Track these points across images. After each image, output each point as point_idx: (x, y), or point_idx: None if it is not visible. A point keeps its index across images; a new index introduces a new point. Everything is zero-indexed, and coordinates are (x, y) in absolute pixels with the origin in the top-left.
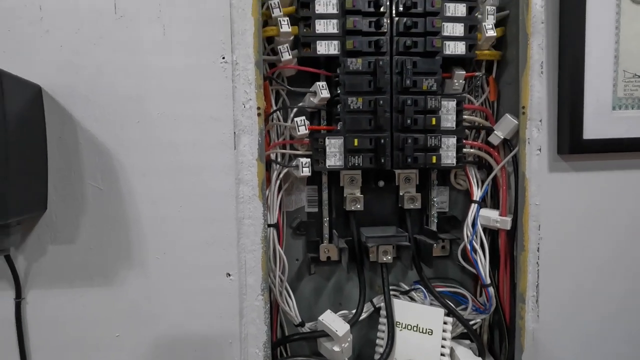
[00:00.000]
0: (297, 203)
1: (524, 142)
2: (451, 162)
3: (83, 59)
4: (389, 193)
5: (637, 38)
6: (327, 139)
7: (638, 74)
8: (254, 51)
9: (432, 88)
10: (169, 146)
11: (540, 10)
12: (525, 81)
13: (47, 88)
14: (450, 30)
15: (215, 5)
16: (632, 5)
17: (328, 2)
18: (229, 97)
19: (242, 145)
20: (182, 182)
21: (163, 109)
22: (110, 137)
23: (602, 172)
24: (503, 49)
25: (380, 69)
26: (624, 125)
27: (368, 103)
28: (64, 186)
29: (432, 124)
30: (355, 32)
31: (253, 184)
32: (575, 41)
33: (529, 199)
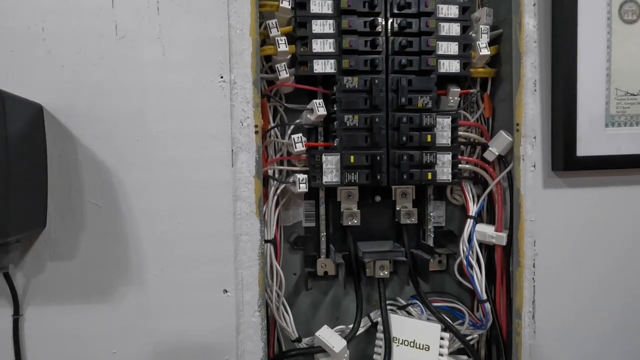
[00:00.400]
0: (294, 218)
1: (518, 158)
2: (447, 178)
3: (84, 79)
4: (385, 207)
5: (628, 57)
6: (323, 156)
7: (630, 91)
8: (252, 70)
9: (427, 105)
10: (168, 163)
11: (533, 30)
12: (519, 99)
13: (48, 107)
14: (445, 49)
15: (214, 26)
16: (622, 25)
17: (325, 22)
18: (227, 115)
19: (240, 163)
20: (181, 198)
21: (162, 127)
22: (110, 154)
23: (597, 188)
24: (497, 66)
25: (376, 87)
26: (616, 142)
27: (364, 120)
28: (63, 203)
29: (428, 141)
30: (352, 52)
31: (250, 200)
32: (568, 60)
33: (524, 215)
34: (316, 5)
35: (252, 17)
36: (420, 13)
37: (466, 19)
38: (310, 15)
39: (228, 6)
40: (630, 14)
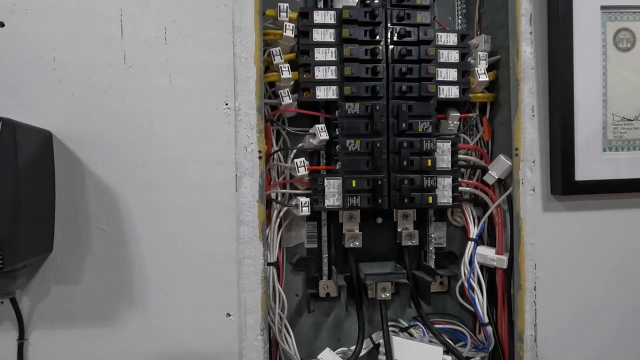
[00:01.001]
0: (296, 239)
1: (517, 182)
2: (447, 201)
3: (93, 106)
4: (387, 229)
5: (624, 83)
6: (326, 180)
7: (626, 117)
8: (256, 98)
9: (427, 130)
10: (173, 188)
11: (530, 57)
12: (518, 124)
13: (58, 133)
14: (444, 75)
15: (219, 55)
16: (617, 53)
17: (327, 50)
18: (232, 142)
19: (244, 187)
20: (185, 223)
21: (168, 153)
22: (116, 180)
23: (596, 211)
24: (496, 90)
25: (377, 112)
26: (614, 167)
27: (365, 145)
28: (70, 228)
29: (428, 165)
30: (353, 79)
31: (254, 224)
32: (564, 86)
33: (525, 238)
34: (319, 34)
35: (257, 46)
36: (420, 41)
37: (464, 46)
38: (313, 43)
39: (233, 36)
40: (624, 42)
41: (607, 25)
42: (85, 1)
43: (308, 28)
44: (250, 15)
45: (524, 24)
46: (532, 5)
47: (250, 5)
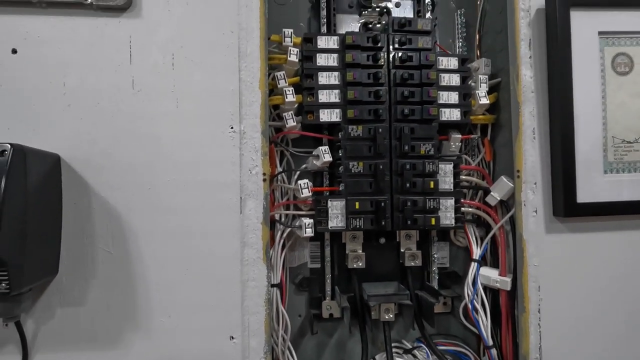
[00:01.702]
0: (300, 259)
1: (520, 204)
2: (450, 222)
3: (101, 130)
4: (390, 248)
5: (623, 106)
6: (329, 201)
7: (626, 139)
8: (261, 121)
9: (429, 152)
10: (178, 211)
11: (530, 81)
12: (519, 146)
13: (66, 157)
14: (446, 98)
15: (225, 80)
16: (615, 77)
17: (330, 74)
18: (236, 164)
19: (248, 210)
20: (190, 245)
21: (174, 176)
22: (123, 202)
23: (599, 233)
24: (497, 112)
25: (380, 135)
26: (616, 189)
27: (368, 167)
28: (75, 250)
29: (431, 187)
30: (356, 102)
31: (257, 246)
32: (564, 110)
33: (528, 260)
34: (322, 59)
35: (262, 71)
36: (422, 65)
37: (465, 70)
38: (317, 67)
39: (239, 61)
40: (622, 66)
41: (605, 50)
42: (95, 29)
43: (312, 53)
44: (255, 41)
45: (523, 48)
46: (531, 30)
47: (255, 32)
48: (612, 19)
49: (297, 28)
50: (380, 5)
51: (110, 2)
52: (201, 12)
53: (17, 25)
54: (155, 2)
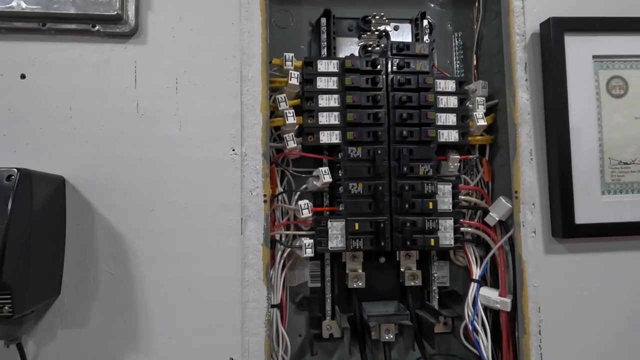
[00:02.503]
0: (300, 278)
1: (518, 225)
2: (449, 243)
3: (105, 153)
4: (389, 268)
5: (618, 128)
6: (329, 222)
7: (623, 160)
8: (262, 143)
9: (428, 173)
10: (180, 233)
11: (527, 103)
12: (517, 167)
13: (70, 179)
14: (444, 120)
15: (227, 103)
16: (611, 99)
17: (330, 97)
18: (237, 186)
19: (249, 231)
20: (191, 267)
21: (176, 198)
22: (125, 224)
23: (599, 254)
24: (494, 132)
25: (379, 156)
26: (614, 210)
27: (368, 188)
28: (78, 271)
29: (430, 208)
30: (356, 124)
31: (258, 267)
32: (561, 131)
33: (527, 281)
34: (322, 82)
35: (263, 95)
36: (420, 88)
37: (463, 92)
38: (317, 90)
39: (241, 85)
40: (617, 89)
41: (600, 73)
42: (102, 54)
43: (312, 76)
44: (257, 65)
45: (519, 71)
46: (527, 54)
47: (257, 57)
48: (605, 44)
49: (297, 51)
50: (379, 29)
51: (117, 29)
52: (205, 38)
53: (27, 51)
54: (160, 28)
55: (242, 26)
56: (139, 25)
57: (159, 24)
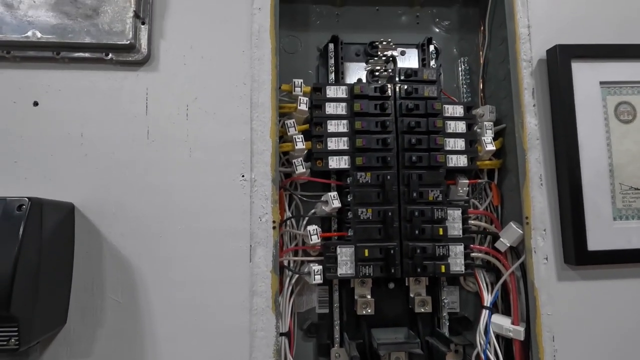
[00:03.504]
0: (308, 304)
1: (530, 251)
2: (460, 269)
3: (115, 179)
4: (399, 293)
5: (628, 154)
6: (338, 248)
7: (634, 186)
8: (271, 169)
9: (437, 199)
10: (188, 260)
11: (535, 129)
12: (527, 193)
13: (80, 205)
14: (452, 145)
15: (237, 129)
16: (619, 125)
17: (339, 122)
18: (247, 212)
19: (257, 258)
20: (199, 295)
21: (185, 224)
22: (134, 250)
23: (612, 280)
24: (503, 156)
25: (388, 182)
26: (626, 236)
27: (377, 213)
28: (84, 300)
29: (440, 234)
30: (365, 149)
31: (267, 295)
32: (570, 157)
33: (540, 309)
34: (331, 107)
35: (273, 121)
36: (428, 114)
37: (470, 117)
38: (326, 116)
39: (251, 111)
40: (625, 115)
41: (608, 99)
42: (114, 82)
43: (321, 102)
44: (267, 92)
45: (527, 97)
46: (534, 79)
47: (267, 84)
48: (612, 70)
49: (306, 75)
50: (386, 54)
51: (130, 57)
52: (216, 66)
53: (40, 78)
54: (172, 56)
55: (253, 53)
56: (151, 53)
57: (170, 51)
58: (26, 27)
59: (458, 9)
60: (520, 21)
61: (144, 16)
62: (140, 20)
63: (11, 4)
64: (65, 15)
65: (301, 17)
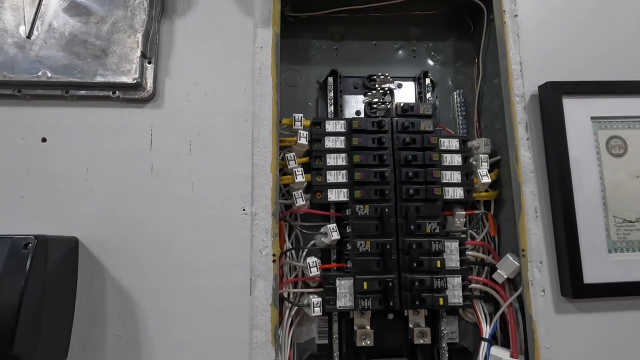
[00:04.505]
0: (307, 334)
1: (527, 283)
2: (458, 301)
3: (119, 213)
4: (398, 323)
5: (621, 187)
6: (337, 280)
7: (628, 219)
8: (272, 203)
9: (435, 231)
10: (189, 293)
11: (529, 162)
12: (522, 225)
13: (84, 239)
14: (449, 177)
15: (239, 164)
16: (611, 158)
17: (338, 156)
18: (247, 246)
19: (257, 291)
20: (199, 329)
21: (186, 258)
22: (136, 284)
23: (610, 313)
24: (499, 187)
25: (386, 214)
26: (622, 269)
27: (376, 246)
28: (86, 333)
29: (437, 267)
30: (363, 183)
31: (266, 329)
32: (564, 190)
33: (539, 342)
34: (330, 141)
35: (273, 155)
36: (424, 148)
37: (466, 150)
38: (325, 149)
39: (252, 146)
40: (617, 148)
41: (599, 133)
42: (120, 118)
43: (320, 136)
44: (268, 127)
45: (520, 130)
46: (527, 114)
47: (268, 119)
48: (602, 105)
49: (306, 107)
50: (384, 87)
51: (136, 95)
52: (219, 102)
53: (49, 115)
54: (177, 93)
55: (254, 90)
56: (157, 90)
57: (175, 89)
58: (38, 67)
59: (453, 43)
60: (512, 57)
61: (150, 56)
62: (146, 59)
63: (23, 45)
64: (75, 55)
65: (302, 52)
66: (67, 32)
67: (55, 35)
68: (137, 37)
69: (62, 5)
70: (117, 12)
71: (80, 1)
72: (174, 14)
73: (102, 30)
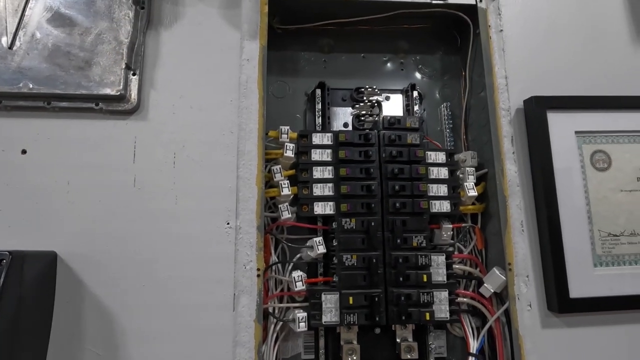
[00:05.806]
0: (293, 350)
1: (513, 298)
2: (445, 315)
3: (100, 228)
4: (385, 338)
5: (605, 201)
6: (323, 295)
7: (612, 233)
8: (256, 217)
9: (421, 244)
10: (171, 309)
11: (515, 175)
12: (509, 239)
13: (63, 254)
14: (435, 190)
15: (224, 177)
16: (595, 173)
17: (324, 169)
18: (231, 260)
19: (241, 306)
20: (181, 347)
21: (168, 273)
22: (115, 300)
23: (597, 327)
24: (486, 200)
25: (373, 228)
26: (607, 283)
27: (362, 260)
28: (62, 352)
29: (424, 281)
30: (349, 196)
31: (250, 345)
32: (549, 204)
33: (526, 357)
34: (317, 154)
35: (259, 169)
36: (411, 161)
37: (453, 163)
38: (312, 162)
39: (238, 159)
40: (601, 163)
41: (583, 148)
42: (103, 131)
43: (307, 148)
44: (254, 140)
45: (506, 144)
46: (513, 128)
47: (254, 132)
48: (586, 119)
49: (293, 119)
50: (372, 99)
51: (119, 107)
52: (204, 115)
53: (30, 127)
54: (162, 105)
55: (241, 103)
56: (141, 102)
57: (160, 101)
58: (19, 78)
59: (441, 56)
60: (498, 72)
61: (134, 67)
62: (131, 71)
63: (5, 56)
64: (58, 66)
65: (290, 64)
66: (50, 43)
67: (38, 46)
68: (122, 48)
69: (46, 16)
70: (102, 24)
71: (65, 12)
72: (160, 25)
73: (86, 41)
